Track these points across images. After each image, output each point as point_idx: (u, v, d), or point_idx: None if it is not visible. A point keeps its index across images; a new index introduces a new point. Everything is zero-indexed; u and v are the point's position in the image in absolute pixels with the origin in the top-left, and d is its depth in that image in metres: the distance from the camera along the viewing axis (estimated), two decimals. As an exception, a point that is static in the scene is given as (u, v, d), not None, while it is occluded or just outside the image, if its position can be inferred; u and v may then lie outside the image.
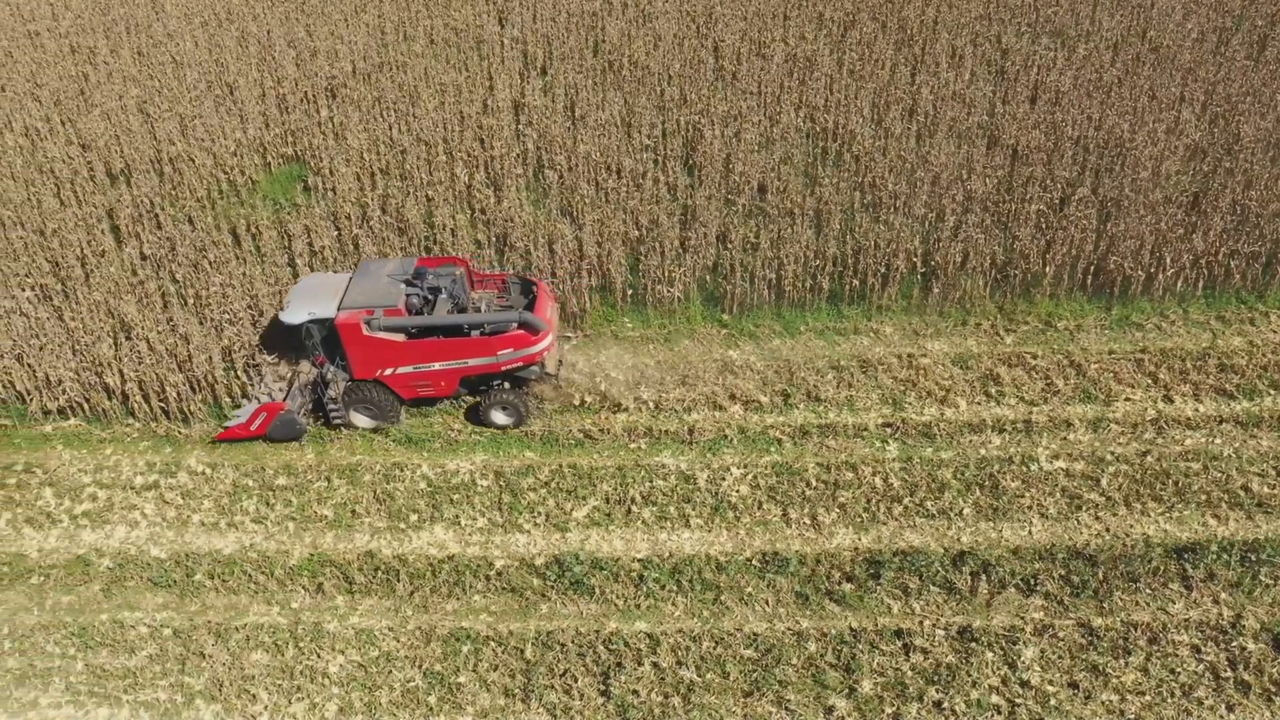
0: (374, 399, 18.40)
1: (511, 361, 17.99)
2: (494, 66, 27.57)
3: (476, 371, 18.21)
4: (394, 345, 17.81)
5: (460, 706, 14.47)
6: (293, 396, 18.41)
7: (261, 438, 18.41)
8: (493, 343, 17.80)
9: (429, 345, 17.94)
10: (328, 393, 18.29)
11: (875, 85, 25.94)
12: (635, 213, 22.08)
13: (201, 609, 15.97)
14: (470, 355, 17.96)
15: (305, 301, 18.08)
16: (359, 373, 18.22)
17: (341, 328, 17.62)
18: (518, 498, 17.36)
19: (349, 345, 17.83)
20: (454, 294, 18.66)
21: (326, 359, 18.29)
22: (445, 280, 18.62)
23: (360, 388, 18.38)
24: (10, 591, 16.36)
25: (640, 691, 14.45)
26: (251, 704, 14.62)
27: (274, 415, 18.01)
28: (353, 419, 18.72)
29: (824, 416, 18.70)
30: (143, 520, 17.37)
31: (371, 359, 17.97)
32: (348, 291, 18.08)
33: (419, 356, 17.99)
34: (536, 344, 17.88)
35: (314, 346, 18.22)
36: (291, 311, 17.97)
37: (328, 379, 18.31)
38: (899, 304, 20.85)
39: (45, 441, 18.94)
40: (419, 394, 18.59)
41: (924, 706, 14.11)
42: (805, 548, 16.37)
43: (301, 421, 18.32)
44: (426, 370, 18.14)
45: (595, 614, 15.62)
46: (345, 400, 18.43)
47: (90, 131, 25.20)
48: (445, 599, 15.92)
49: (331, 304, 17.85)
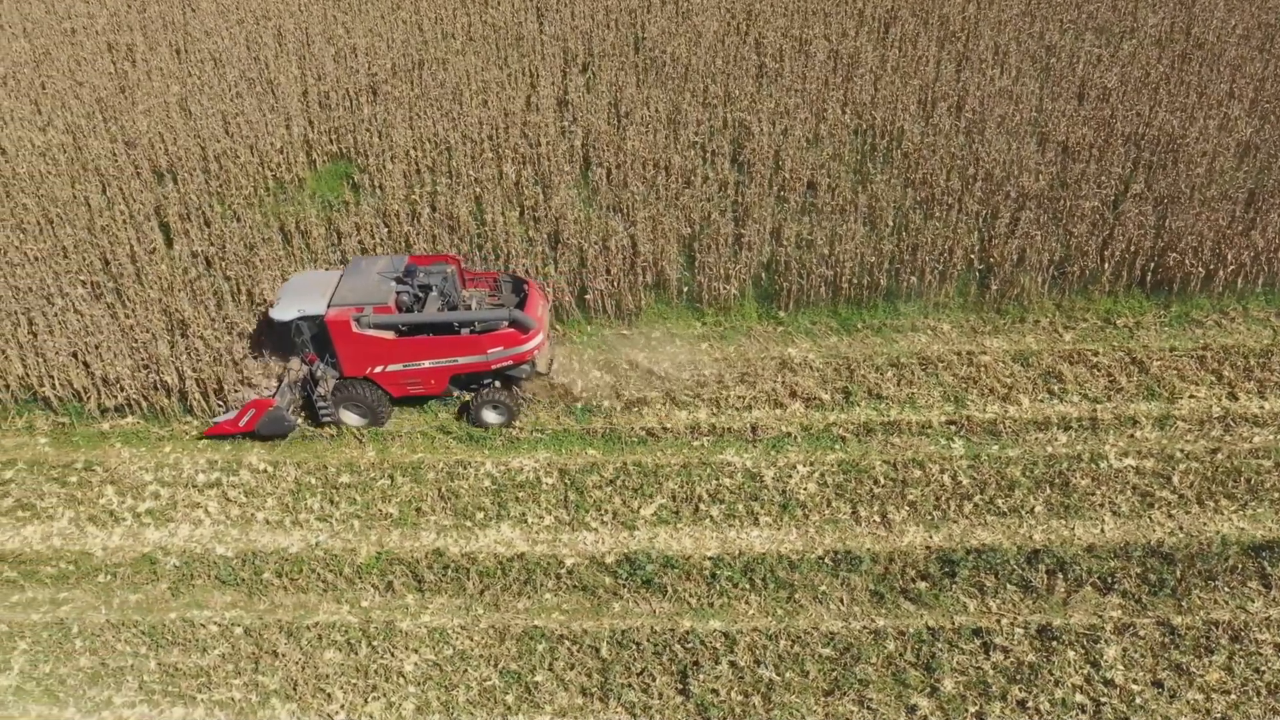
0: (363, 397, 18.32)
1: (501, 360, 17.91)
2: (535, 63, 27.44)
3: (466, 370, 18.13)
4: (383, 343, 17.74)
5: (538, 705, 14.36)
6: (282, 393, 18.35)
7: (250, 434, 18.36)
8: (482, 341, 17.71)
9: (418, 343, 17.85)
10: (317, 390, 18.21)
11: (921, 82, 25.81)
12: (687, 210, 21.96)
13: (270, 607, 15.87)
14: (460, 353, 17.87)
15: (295, 298, 18.06)
16: (348, 370, 18.16)
17: (331, 325, 17.57)
18: (583, 496, 17.25)
19: (338, 342, 17.78)
20: (445, 292, 18.54)
21: (317, 356, 18.25)
22: (436, 278, 18.50)
23: (350, 385, 18.31)
24: (77, 590, 16.27)
25: (720, 690, 14.34)
26: (327, 703, 14.52)
27: (263, 411, 17.96)
28: (342, 416, 18.65)
29: (886, 414, 18.58)
30: (206, 519, 17.27)
31: (361, 356, 17.90)
32: (338, 289, 18.04)
33: (408, 354, 17.91)
34: (526, 342, 17.80)
35: (304, 344, 18.20)
36: (281, 308, 17.96)
37: (317, 376, 18.24)
38: (956, 301, 20.73)
39: (104, 439, 18.85)
40: (409, 392, 18.52)
41: (1007, 705, 13.99)
42: (876, 546, 16.25)
43: (290, 418, 18.24)
44: (416, 368, 18.06)
45: (668, 612, 15.51)
46: (334, 398, 18.33)
47: (134, 129, 25.10)
48: (516, 597, 15.82)
49: (322, 301, 17.80)
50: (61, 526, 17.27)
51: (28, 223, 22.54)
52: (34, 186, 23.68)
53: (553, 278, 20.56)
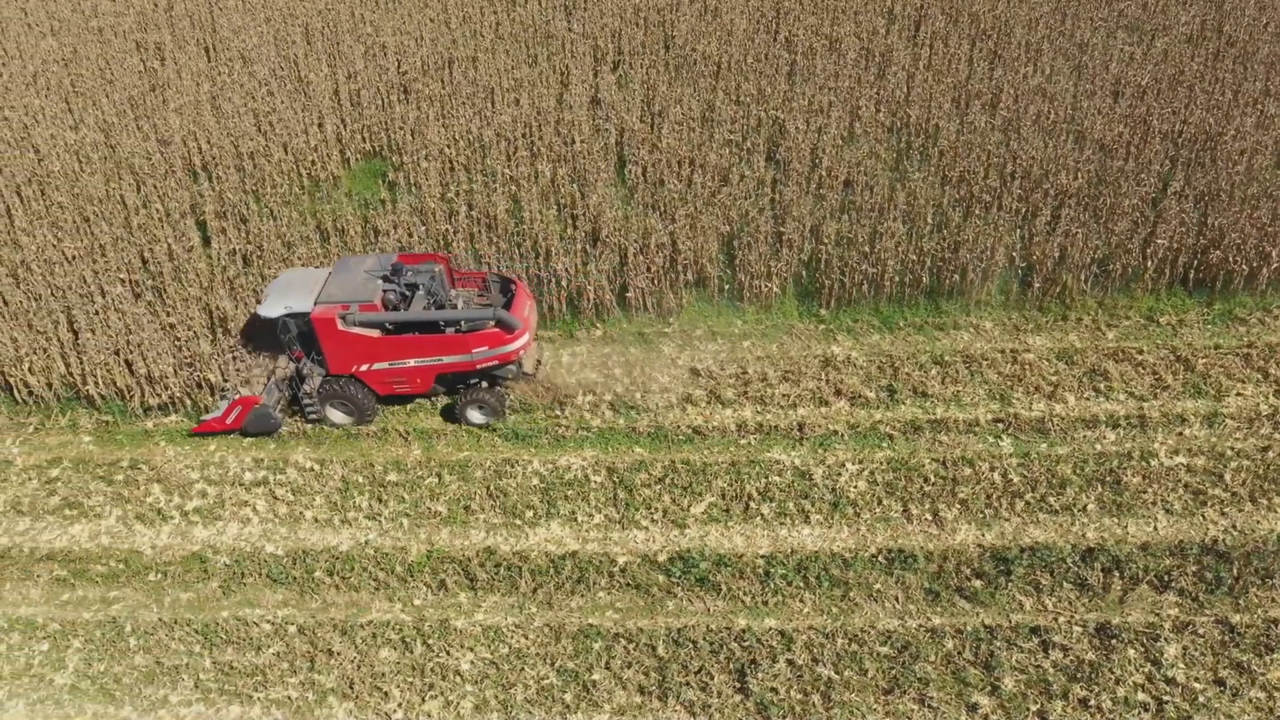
0: (349, 395, 18.29)
1: (487, 359, 17.88)
2: (565, 62, 27.40)
3: (451, 369, 18.11)
4: (369, 341, 17.73)
5: (597, 704, 14.31)
6: (269, 391, 18.33)
7: (238, 431, 18.38)
8: (468, 340, 17.69)
9: (404, 341, 17.83)
10: (303, 387, 18.20)
11: (954, 80, 25.76)
12: (726, 208, 21.91)
13: (323, 606, 15.82)
14: (445, 352, 17.84)
15: (283, 295, 18.07)
16: (335, 368, 18.15)
17: (317, 322, 17.57)
18: (632, 494, 17.20)
19: (324, 340, 17.78)
20: (432, 291, 18.50)
21: (304, 354, 18.23)
22: (423, 277, 18.46)
23: (336, 383, 18.29)
24: (128, 589, 16.23)
25: (779, 689, 14.29)
26: (384, 702, 14.47)
27: (249, 409, 17.99)
28: (328, 414, 18.64)
29: (932, 412, 18.53)
30: (254, 517, 17.23)
31: (347, 354, 17.90)
32: (325, 286, 18.03)
33: (394, 352, 17.89)
34: (511, 342, 17.76)
35: (290, 341, 18.19)
36: (268, 305, 17.97)
37: (304, 374, 18.22)
38: (997, 299, 20.68)
39: (148, 438, 18.82)
40: (395, 391, 18.51)
41: (1069, 704, 13.93)
42: (929, 544, 16.20)
43: (276, 416, 18.24)
44: (402, 367, 18.05)
45: (723, 611, 15.46)
46: (320, 395, 18.32)
47: (166, 127, 25.07)
48: (569, 596, 15.76)
49: (308, 298, 17.80)
50: (109, 525, 17.23)
51: (63, 221, 22.49)
52: (68, 185, 23.64)
53: (593, 276, 20.51)
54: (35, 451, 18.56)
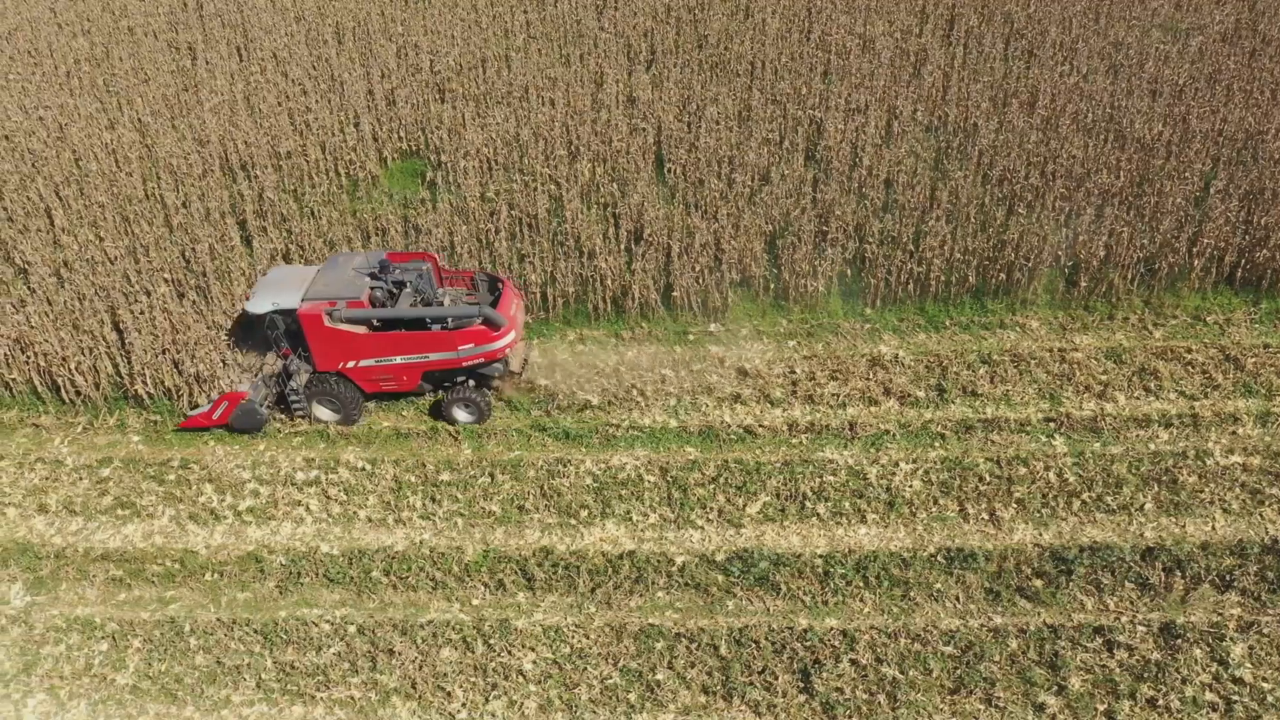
0: (336, 392, 18.32)
1: (473, 357, 17.90)
2: (599, 61, 27.36)
3: (437, 366, 18.12)
4: (355, 338, 17.76)
5: (662, 704, 14.26)
6: (256, 387, 18.35)
7: (224, 427, 18.44)
8: (454, 337, 17.71)
9: (390, 338, 17.84)
10: (290, 384, 18.23)
11: (990, 79, 25.72)
12: (768, 207, 21.87)
13: (381, 606, 15.78)
14: (431, 350, 17.87)
15: (270, 292, 18.08)
16: (321, 365, 18.18)
17: (304, 319, 17.60)
18: (686, 494, 17.16)
19: (311, 337, 17.81)
20: (420, 289, 18.52)
21: (291, 350, 18.28)
22: (411, 275, 18.47)
23: (323, 380, 18.32)
24: (184, 589, 16.19)
25: (844, 689, 14.24)
26: (448, 702, 14.43)
27: (235, 404, 18.05)
28: (314, 411, 18.67)
29: (982, 411, 18.49)
30: (308, 516, 17.19)
31: (334, 351, 17.93)
32: (312, 283, 18.07)
33: (380, 350, 17.92)
34: (498, 340, 17.79)
35: (277, 338, 18.23)
36: (256, 302, 17.99)
37: (291, 370, 18.25)
38: (1043, 298, 20.63)
39: (197, 437, 18.77)
40: (381, 388, 18.55)
41: (1136, 704, 13.89)
42: (986, 544, 16.16)
43: (263, 412, 18.27)
44: (388, 364, 18.07)
45: (783, 610, 15.42)
46: (307, 392, 18.37)
47: (202, 127, 25.04)
48: (628, 596, 15.72)
49: (296, 295, 17.82)
50: (162, 525, 17.18)
51: (103, 221, 22.45)
52: (106, 185, 23.61)
53: (638, 275, 20.47)
54: (85, 451, 18.52)
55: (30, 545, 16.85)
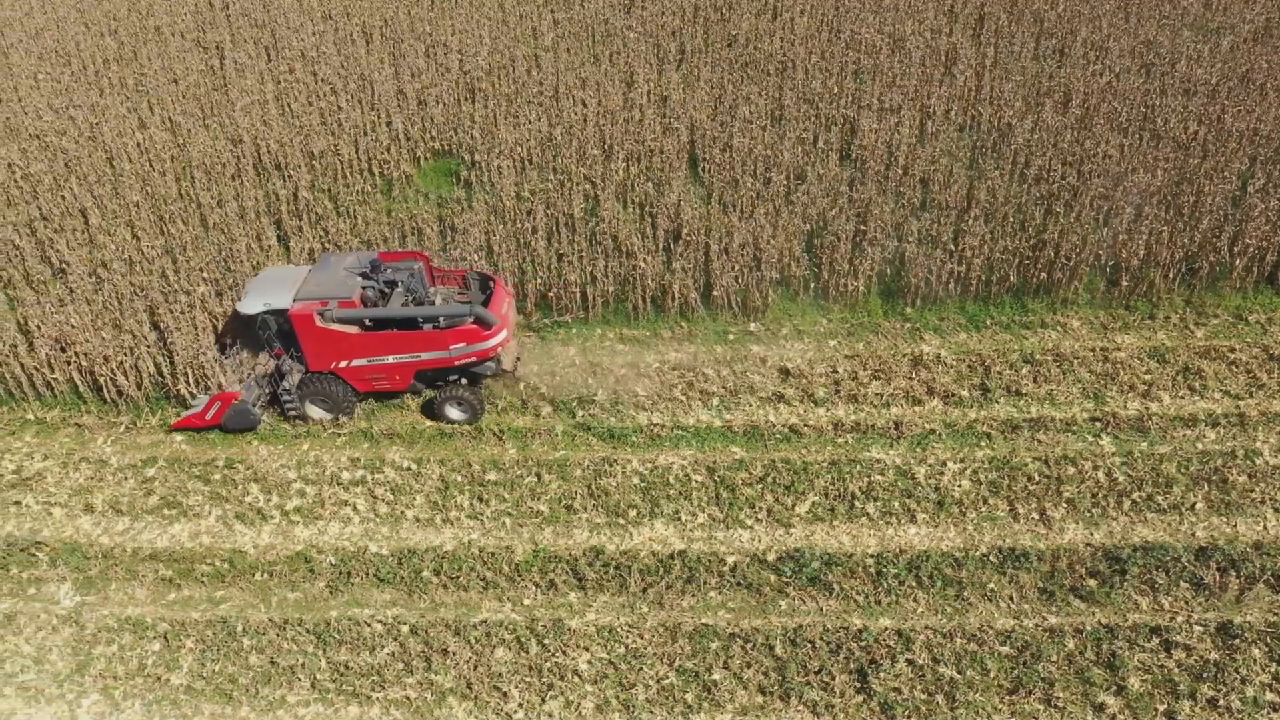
0: (329, 391, 18.33)
1: (464, 356, 17.91)
2: (629, 60, 27.34)
3: (429, 366, 18.12)
4: (347, 337, 17.78)
5: (719, 704, 14.23)
6: (248, 387, 18.34)
7: (217, 427, 18.46)
8: (445, 337, 17.71)
9: (382, 338, 17.86)
10: (282, 384, 18.24)
11: (1023, 78, 25.69)
12: (805, 206, 21.84)
13: (432, 606, 15.75)
14: (423, 349, 17.88)
15: (262, 292, 18.11)
16: (314, 365, 18.20)
17: (295, 319, 17.62)
18: (735, 493, 17.13)
19: (303, 337, 17.83)
20: (411, 288, 18.52)
21: (283, 350, 18.30)
22: (403, 274, 18.48)
23: (315, 380, 18.34)
24: (234, 588, 16.16)
25: (902, 689, 14.21)
26: (504, 702, 14.39)
27: (228, 405, 18.07)
28: (307, 411, 18.70)
29: (1027, 410, 18.45)
30: (355, 516, 17.15)
31: (326, 351, 17.95)
32: (304, 283, 18.08)
33: (372, 349, 17.94)
34: (489, 339, 17.79)
35: (270, 338, 18.24)
36: (248, 302, 18.01)
37: (284, 370, 18.25)
38: (1083, 297, 20.60)
39: (239, 437, 18.73)
40: (374, 387, 18.57)
41: (1197, 704, 13.84)
42: (1038, 543, 16.11)
43: (255, 412, 18.31)
44: (380, 363, 18.08)
45: (836, 610, 15.37)
46: (300, 392, 18.38)
47: (233, 126, 25.02)
48: (680, 595, 15.68)
49: (287, 295, 17.83)
50: (209, 524, 17.15)
51: (139, 220, 22.43)
52: (139, 184, 23.59)
53: (678, 275, 20.45)
54: (128, 451, 18.49)
55: (78, 545, 16.82)
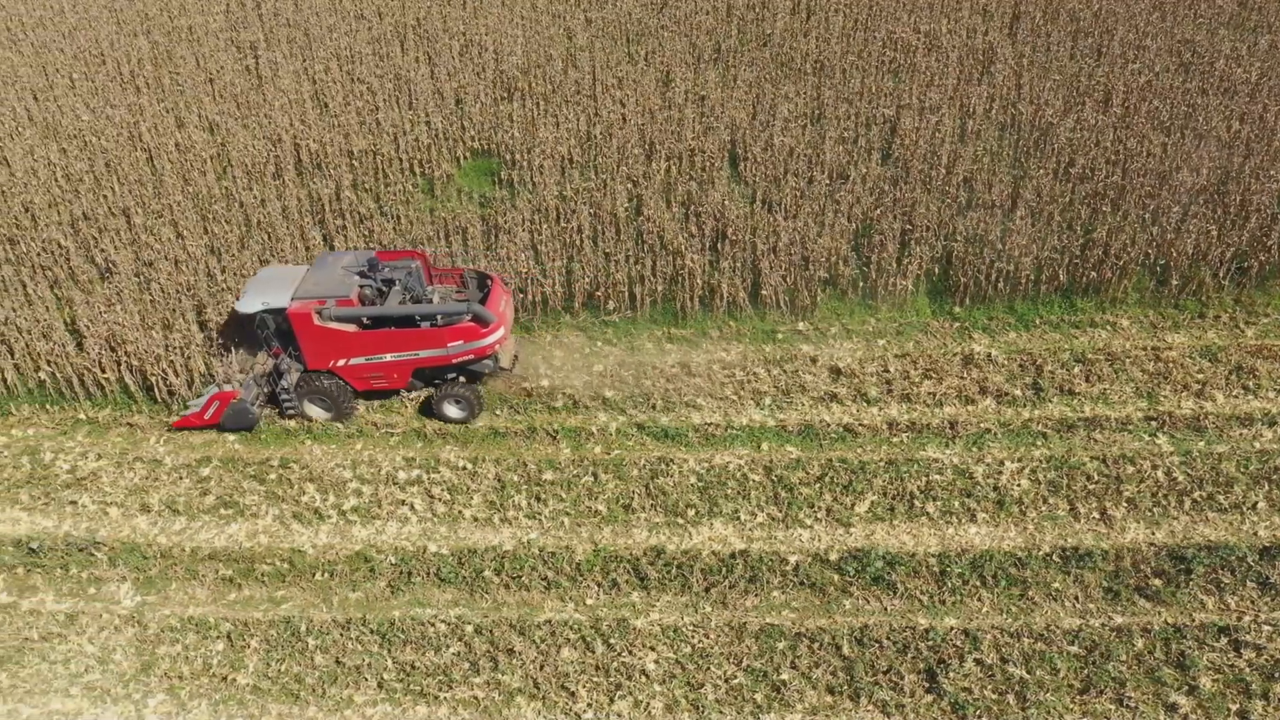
0: (327, 390, 18.34)
1: (462, 354, 17.96)
2: (665, 59, 27.30)
3: (428, 364, 18.17)
4: (345, 336, 17.81)
5: (789, 704, 14.19)
6: (247, 386, 18.35)
7: (215, 426, 18.47)
8: (443, 334, 17.74)
9: (380, 336, 17.89)
10: (280, 383, 18.24)
11: (1062, 77, 25.65)
12: (850, 206, 21.80)
13: (494, 605, 15.71)
14: (421, 347, 17.93)
15: (260, 292, 18.15)
16: (312, 363, 18.23)
17: (294, 318, 17.66)
18: (793, 493, 17.09)
19: (301, 335, 17.86)
20: (409, 286, 18.54)
21: (282, 349, 18.31)
22: (400, 273, 18.50)
23: (314, 378, 18.34)
24: (295, 588, 16.13)
25: (972, 688, 14.17)
26: (572, 702, 14.36)
27: (226, 404, 18.09)
28: (306, 409, 18.71)
29: (1081, 410, 18.41)
30: (413, 516, 17.12)
31: (324, 350, 17.99)
32: (302, 282, 18.11)
33: (370, 347, 17.97)
34: (487, 337, 17.81)
35: (268, 337, 18.26)
36: (246, 301, 18.04)
37: (282, 369, 18.26)
38: (1132, 296, 20.55)
39: (291, 437, 18.72)
40: (372, 386, 18.60)
41: (1270, 704, 13.80)
42: (1100, 543, 16.07)
43: (254, 411, 18.32)
44: (378, 361, 18.10)
45: (901, 610, 15.34)
46: (299, 391, 18.39)
47: (273, 125, 24.98)
48: (743, 595, 15.65)
49: (286, 294, 17.86)
50: (266, 524, 17.12)
51: (183, 220, 22.39)
52: (180, 184, 23.55)
53: (726, 274, 20.42)
54: (181, 451, 18.46)
55: (136, 545, 16.79)
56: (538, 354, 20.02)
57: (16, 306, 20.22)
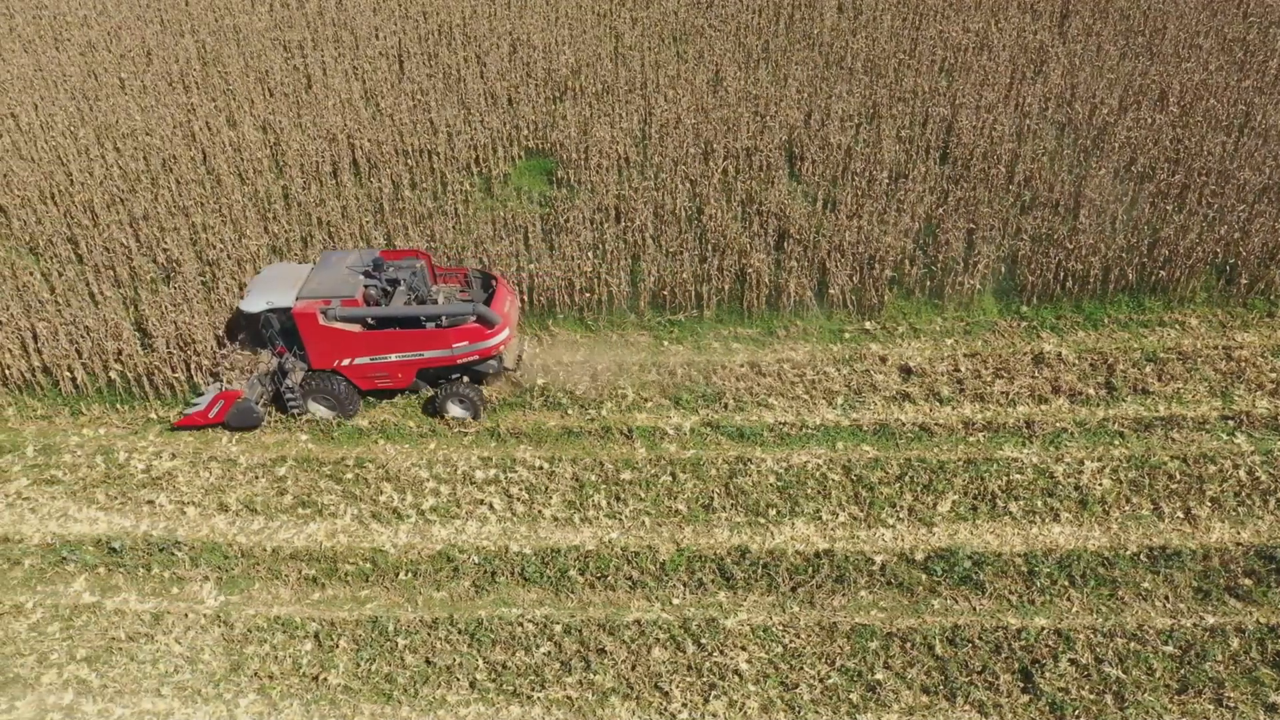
0: (331, 389, 18.35)
1: (467, 354, 17.96)
2: (716, 58, 27.26)
3: (432, 364, 18.18)
4: (350, 335, 17.80)
5: (885, 704, 14.14)
6: (251, 385, 18.34)
7: (220, 425, 18.46)
8: (448, 335, 17.75)
9: (385, 336, 17.89)
10: (285, 382, 18.24)
11: (1116, 76, 25.59)
12: (913, 205, 21.75)
13: (581, 605, 15.66)
14: (425, 347, 17.93)
15: (265, 291, 18.14)
16: (316, 363, 18.22)
17: (298, 317, 17.65)
18: (873, 492, 17.04)
19: (306, 335, 17.86)
20: (414, 286, 18.53)
21: (286, 348, 18.30)
22: (405, 273, 18.48)
23: (318, 378, 18.35)
24: (378, 588, 16.08)
25: (1069, 689, 14.12)
26: (666, 702, 14.31)
27: (231, 403, 18.07)
28: (310, 408, 18.73)
29: (1155, 409, 18.36)
30: (491, 515, 17.08)
31: (328, 349, 17.98)
32: (306, 281, 18.10)
33: (375, 347, 17.97)
34: (491, 338, 17.81)
35: (272, 336, 18.25)
36: (250, 300, 18.05)
37: (286, 368, 18.26)
38: (1200, 295, 20.50)
39: (364, 436, 18.68)
40: (376, 385, 18.61)
41: (1370, 703, 13.77)
42: (1187, 542, 16.02)
43: (259, 410, 18.31)
44: (383, 361, 18.11)
45: (990, 609, 15.29)
46: (303, 390, 18.40)
47: (327, 125, 24.95)
48: (830, 595, 15.59)
49: (290, 293, 17.85)
50: (345, 524, 17.07)
51: (243, 220, 22.35)
52: (237, 183, 23.52)
53: (793, 273, 20.38)
54: (255, 450, 18.42)
55: (216, 544, 16.75)
56: (607, 353, 19.98)
57: (83, 306, 20.19)
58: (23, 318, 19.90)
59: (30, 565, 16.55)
